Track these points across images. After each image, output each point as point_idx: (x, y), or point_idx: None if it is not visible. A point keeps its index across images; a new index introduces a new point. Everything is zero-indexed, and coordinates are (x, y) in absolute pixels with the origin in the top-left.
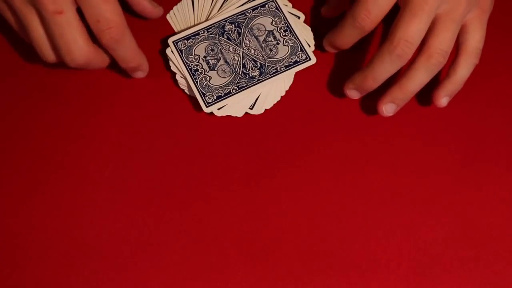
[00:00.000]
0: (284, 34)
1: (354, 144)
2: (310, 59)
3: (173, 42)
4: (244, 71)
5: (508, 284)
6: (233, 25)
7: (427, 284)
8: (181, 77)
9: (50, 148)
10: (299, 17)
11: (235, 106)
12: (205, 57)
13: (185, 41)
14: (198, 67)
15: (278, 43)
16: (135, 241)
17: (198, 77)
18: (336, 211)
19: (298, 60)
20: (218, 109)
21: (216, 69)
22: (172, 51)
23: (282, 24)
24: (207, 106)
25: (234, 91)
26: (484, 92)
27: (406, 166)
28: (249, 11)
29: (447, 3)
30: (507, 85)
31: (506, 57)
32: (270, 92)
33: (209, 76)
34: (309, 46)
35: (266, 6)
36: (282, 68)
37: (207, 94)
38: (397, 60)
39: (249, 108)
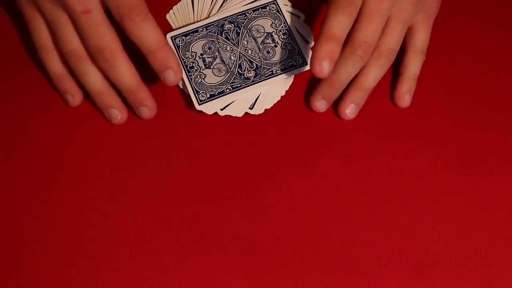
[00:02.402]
0: (283, 37)
1: (355, 144)
2: (306, 64)
3: (171, 37)
4: (240, 72)
5: (508, 284)
6: (232, 24)
7: (427, 284)
8: None
9: (49, 147)
10: (299, 17)
11: (235, 106)
12: (201, 54)
13: (183, 37)
14: (194, 64)
15: (276, 46)
16: (135, 241)
17: (193, 74)
18: (336, 211)
19: (295, 64)
20: (221, 109)
21: (211, 67)
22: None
23: (282, 27)
24: (199, 104)
25: (227, 90)
26: (484, 92)
27: (406, 166)
28: (249, 12)
29: (397, 6)
30: (507, 85)
31: (506, 57)
32: (270, 92)
33: (204, 74)
34: (308, 42)
35: (267, 8)
36: (278, 71)
37: (200, 92)
38: (359, 61)
39: (249, 108)
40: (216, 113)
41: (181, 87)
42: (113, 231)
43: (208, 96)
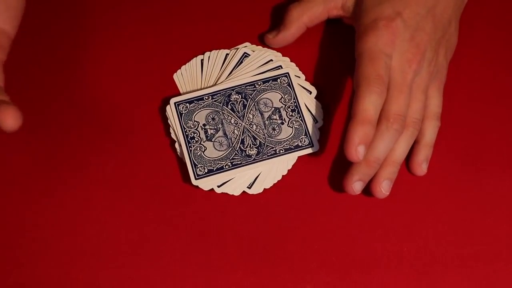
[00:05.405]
0: (291, 114)
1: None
2: (312, 146)
3: (175, 103)
4: (242, 148)
5: (508, 282)
6: (239, 95)
7: (427, 283)
8: (179, 145)
9: (50, 146)
10: (310, 92)
11: (232, 184)
12: (204, 125)
13: (187, 104)
14: (195, 135)
15: (282, 123)
16: (135, 240)
17: (193, 146)
18: (336, 210)
19: (300, 145)
20: (218, 186)
21: (213, 140)
22: (172, 113)
23: (291, 102)
24: (196, 179)
25: (227, 167)
26: (484, 92)
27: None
28: (259, 83)
29: (418, 76)
30: (507, 85)
31: (506, 57)
32: (271, 171)
33: (204, 147)
34: (317, 122)
35: (278, 80)
36: (281, 151)
37: (198, 166)
38: (396, 135)
39: (247, 187)
40: (212, 189)
41: (179, 155)
42: (113, 231)
43: (206, 171)
